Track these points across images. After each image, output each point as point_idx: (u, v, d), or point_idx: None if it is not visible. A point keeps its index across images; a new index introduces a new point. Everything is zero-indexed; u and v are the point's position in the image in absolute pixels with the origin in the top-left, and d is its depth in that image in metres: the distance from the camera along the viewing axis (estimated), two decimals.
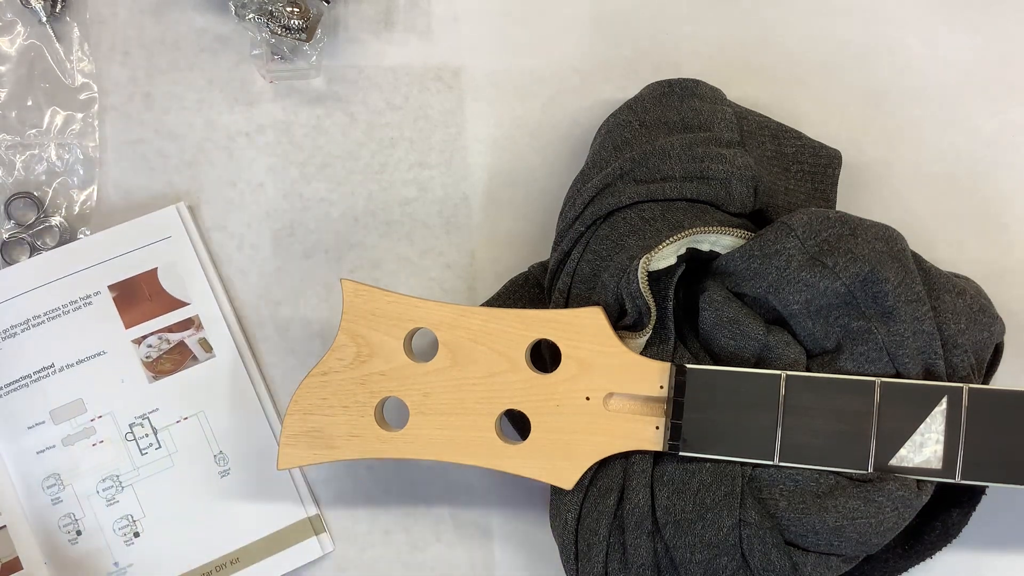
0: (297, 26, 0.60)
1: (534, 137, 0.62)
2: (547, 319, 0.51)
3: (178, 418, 0.60)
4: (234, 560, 0.58)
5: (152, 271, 0.60)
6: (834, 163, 0.57)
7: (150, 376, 0.60)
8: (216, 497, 0.59)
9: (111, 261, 0.60)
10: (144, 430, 0.59)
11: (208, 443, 0.59)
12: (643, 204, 0.53)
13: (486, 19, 0.63)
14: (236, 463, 0.59)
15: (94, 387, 0.59)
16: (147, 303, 0.60)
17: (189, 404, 0.60)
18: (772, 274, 0.51)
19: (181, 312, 0.60)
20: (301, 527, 0.59)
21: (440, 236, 0.62)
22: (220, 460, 0.59)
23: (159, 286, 0.60)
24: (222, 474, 0.59)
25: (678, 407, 0.51)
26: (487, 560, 0.60)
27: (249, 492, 0.59)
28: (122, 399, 0.59)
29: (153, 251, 0.61)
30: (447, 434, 0.52)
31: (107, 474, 0.59)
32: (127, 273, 0.60)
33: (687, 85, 0.57)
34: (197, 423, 0.59)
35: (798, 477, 0.50)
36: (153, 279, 0.60)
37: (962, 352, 0.50)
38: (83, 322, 0.60)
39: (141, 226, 0.61)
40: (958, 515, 0.53)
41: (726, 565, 0.50)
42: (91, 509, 0.58)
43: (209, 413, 0.60)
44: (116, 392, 0.59)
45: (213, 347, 0.60)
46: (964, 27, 0.62)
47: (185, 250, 0.61)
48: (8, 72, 0.63)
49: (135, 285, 0.60)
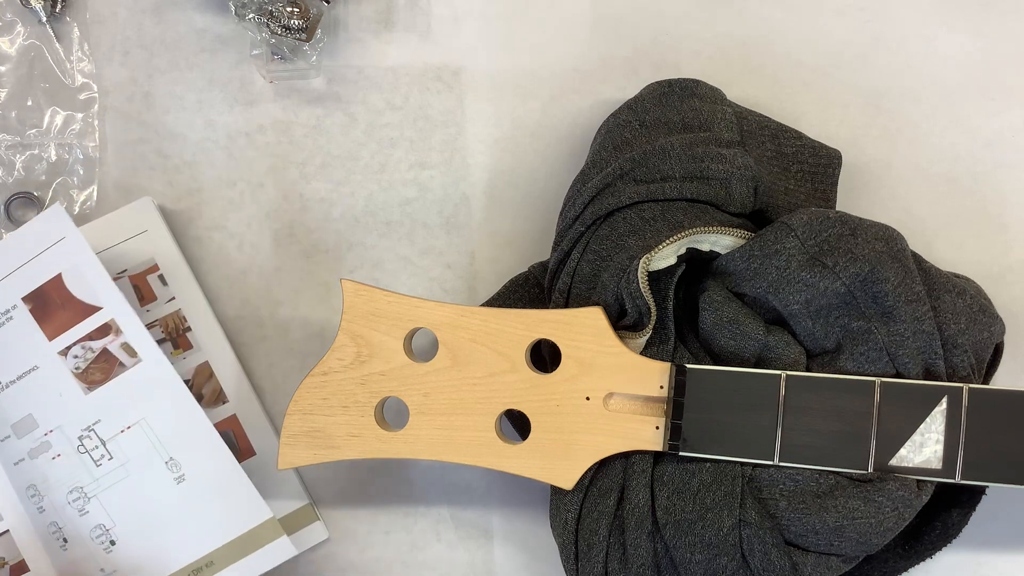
0: (297, 26, 0.60)
1: (534, 137, 0.62)
2: (547, 319, 0.51)
3: (122, 428, 0.57)
4: (208, 563, 0.57)
5: (57, 277, 0.57)
6: (834, 163, 0.57)
7: (84, 387, 0.57)
8: (176, 503, 0.57)
9: (17, 272, 0.57)
10: (93, 442, 0.57)
11: (156, 450, 0.57)
12: (643, 204, 0.53)
13: (486, 19, 0.63)
14: (189, 468, 0.57)
15: (38, 402, 0.57)
16: (61, 311, 0.57)
17: (130, 412, 0.57)
18: (772, 274, 0.51)
19: (96, 318, 0.57)
20: (269, 527, 0.57)
21: (440, 236, 0.62)
22: (172, 467, 0.57)
23: (68, 292, 0.57)
24: (177, 480, 0.57)
25: (678, 407, 0.51)
26: (487, 560, 0.60)
27: (208, 496, 0.57)
28: (65, 413, 0.57)
29: (52, 255, 0.57)
30: (447, 434, 0.52)
31: (72, 486, 0.57)
32: (35, 283, 0.57)
33: (687, 85, 0.57)
34: (141, 431, 0.57)
35: (798, 477, 0.50)
36: (60, 285, 0.57)
37: (962, 352, 0.50)
38: (9, 339, 0.57)
39: (32, 232, 0.57)
40: (958, 515, 0.53)
41: (726, 565, 0.50)
42: (68, 519, 0.57)
43: (150, 419, 0.57)
44: (58, 406, 0.57)
45: (137, 351, 0.57)
46: (964, 27, 0.62)
47: (81, 251, 0.57)
48: (8, 72, 0.63)
49: (46, 294, 0.57)
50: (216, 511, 0.57)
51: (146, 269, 0.60)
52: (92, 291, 0.57)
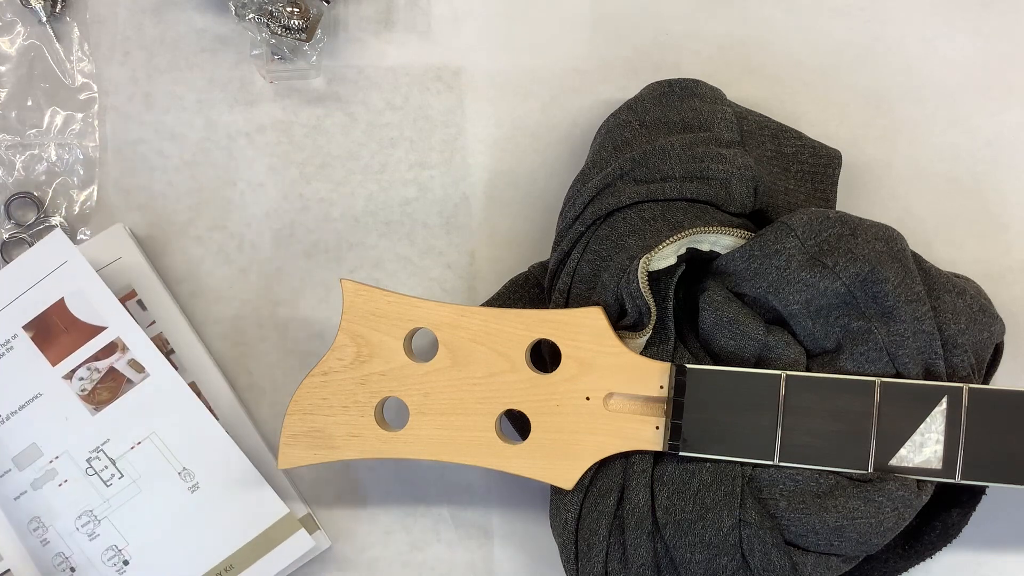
0: (297, 26, 0.60)
1: (534, 137, 0.62)
2: (547, 319, 0.51)
3: (132, 444, 0.58)
4: (228, 568, 0.57)
5: (60, 302, 0.58)
6: (834, 163, 0.57)
7: (91, 408, 0.58)
8: (192, 512, 0.58)
9: (16, 301, 0.58)
10: (102, 463, 0.58)
11: (168, 462, 0.58)
12: (643, 204, 0.53)
13: (486, 19, 0.63)
14: (202, 475, 0.58)
15: (43, 430, 0.58)
16: (65, 336, 0.58)
17: (139, 428, 0.58)
18: (772, 274, 0.51)
19: (102, 338, 0.58)
20: (287, 522, 0.58)
21: (440, 236, 0.62)
22: (186, 476, 0.58)
23: (71, 316, 0.58)
24: (191, 489, 0.58)
25: (678, 407, 0.51)
26: (487, 560, 0.60)
27: (223, 500, 0.58)
28: (72, 437, 0.58)
29: (53, 281, 0.58)
30: (447, 434, 0.52)
31: (81, 511, 0.57)
32: (36, 310, 0.58)
33: (687, 85, 0.57)
34: (152, 445, 0.58)
35: (798, 477, 0.50)
36: (63, 310, 0.58)
37: (962, 352, 0.50)
38: (9, 369, 0.58)
39: (33, 259, 0.58)
40: (958, 515, 0.53)
41: (726, 565, 0.50)
42: (77, 546, 0.57)
43: (161, 432, 0.58)
44: (65, 431, 0.58)
45: (144, 366, 0.58)
46: (964, 27, 0.62)
47: (84, 273, 0.58)
48: (8, 72, 0.63)
49: (48, 320, 0.58)
50: (232, 514, 0.58)
51: (124, 296, 0.60)
52: (96, 312, 0.58)
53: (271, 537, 0.58)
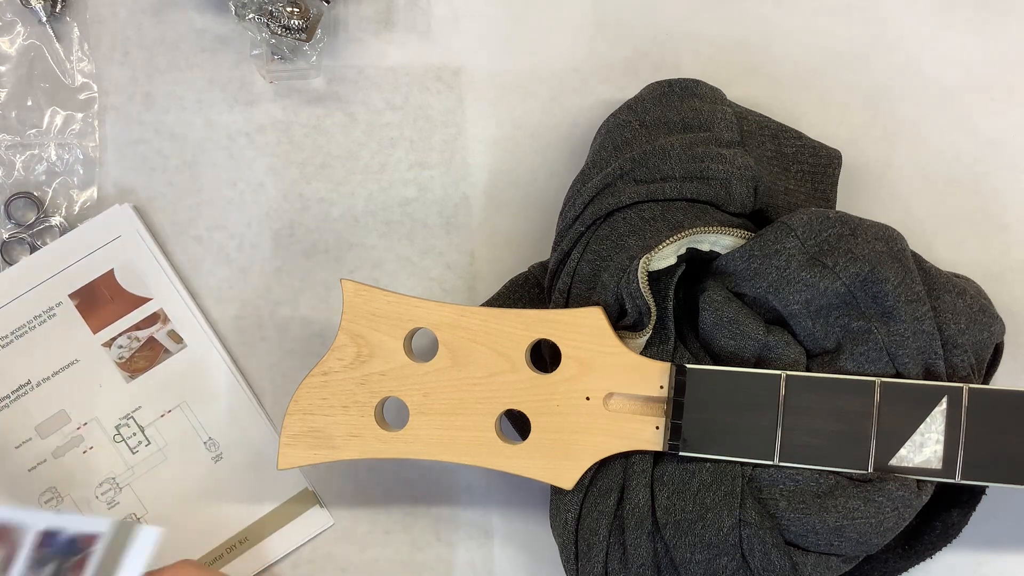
0: (297, 26, 0.60)
1: (534, 137, 0.62)
2: (547, 319, 0.51)
3: (162, 412, 0.60)
4: (242, 540, 0.59)
5: (109, 273, 0.60)
6: (834, 163, 0.57)
7: (126, 376, 0.60)
8: (214, 482, 0.60)
9: (67, 270, 0.60)
10: (131, 430, 0.60)
11: (196, 432, 0.60)
12: (643, 204, 0.53)
13: (486, 19, 0.63)
14: (227, 447, 0.60)
15: (74, 396, 0.60)
16: (110, 305, 0.60)
17: (170, 397, 0.60)
18: (772, 274, 0.51)
19: (145, 308, 0.60)
20: (304, 497, 0.59)
21: (440, 236, 0.62)
22: (211, 446, 0.60)
23: (118, 286, 0.60)
24: (215, 459, 0.60)
25: (678, 407, 0.51)
26: (487, 560, 0.60)
27: (245, 472, 0.60)
28: (104, 403, 0.60)
29: (106, 253, 0.60)
30: (447, 434, 0.52)
31: (103, 478, 0.59)
32: (85, 279, 0.60)
33: (687, 85, 0.57)
34: (181, 414, 0.60)
35: (798, 477, 0.50)
36: (111, 280, 0.60)
37: (962, 352, 0.50)
38: (50, 334, 0.60)
39: (90, 231, 0.61)
40: (958, 515, 0.53)
41: (726, 565, 0.50)
42: (93, 514, 0.58)
43: (192, 402, 0.60)
44: (96, 397, 0.60)
45: (183, 337, 0.60)
46: (964, 27, 0.62)
47: (138, 247, 0.61)
48: (8, 72, 0.63)
49: (95, 289, 0.60)
50: (250, 486, 0.59)
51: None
52: (144, 284, 0.61)
53: (288, 511, 0.59)
